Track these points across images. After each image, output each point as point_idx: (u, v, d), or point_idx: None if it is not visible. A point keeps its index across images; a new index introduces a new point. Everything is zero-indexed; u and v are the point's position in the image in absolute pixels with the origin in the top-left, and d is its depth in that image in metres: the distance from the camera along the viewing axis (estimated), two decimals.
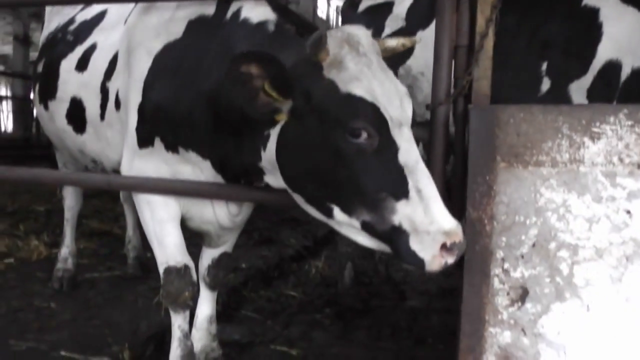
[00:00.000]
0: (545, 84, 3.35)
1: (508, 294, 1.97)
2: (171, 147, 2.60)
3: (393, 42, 2.34)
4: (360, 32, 2.11)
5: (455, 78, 2.33)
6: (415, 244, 1.86)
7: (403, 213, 1.88)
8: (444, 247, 1.83)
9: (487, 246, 1.98)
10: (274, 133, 2.15)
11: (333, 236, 4.59)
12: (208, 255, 3.14)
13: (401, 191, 1.90)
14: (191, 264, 2.82)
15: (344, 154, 1.95)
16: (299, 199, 2.18)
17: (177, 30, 2.61)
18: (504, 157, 1.98)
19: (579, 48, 3.28)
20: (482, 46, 2.20)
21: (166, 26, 2.66)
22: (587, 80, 3.25)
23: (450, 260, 1.84)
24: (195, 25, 2.56)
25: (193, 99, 2.44)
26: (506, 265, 1.97)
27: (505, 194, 1.97)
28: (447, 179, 2.31)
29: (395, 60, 3.18)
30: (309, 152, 2.03)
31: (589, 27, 3.28)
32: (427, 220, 1.85)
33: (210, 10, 2.55)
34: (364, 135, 1.93)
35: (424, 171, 1.94)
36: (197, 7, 2.59)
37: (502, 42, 3.32)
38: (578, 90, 3.28)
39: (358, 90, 1.96)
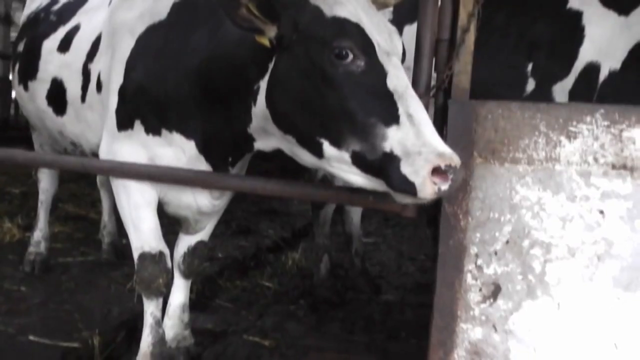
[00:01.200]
0: (531, 84, 3.38)
1: (480, 290, 1.98)
2: (153, 129, 2.59)
3: None
4: None
5: (436, 72, 2.33)
6: (406, 167, 1.79)
7: (394, 138, 1.84)
8: (437, 171, 1.76)
9: (461, 241, 1.99)
10: (264, 83, 2.18)
11: (311, 228, 4.57)
12: (184, 243, 3.11)
13: (391, 116, 1.87)
14: (166, 251, 2.79)
15: (331, 77, 1.95)
16: (290, 145, 2.17)
17: (161, 12, 2.61)
18: (481, 153, 1.99)
19: (562, 50, 3.32)
20: (463, 41, 2.20)
21: (150, 8, 2.66)
22: (569, 81, 3.29)
23: (444, 186, 1.77)
24: (180, 7, 2.58)
25: (180, 78, 2.46)
26: (479, 261, 1.98)
27: (481, 189, 1.98)
28: None
29: None
30: (298, 82, 2.03)
31: (573, 29, 3.32)
32: (419, 142, 1.81)
33: None
34: (350, 56, 1.93)
35: (414, 97, 1.92)
36: None
37: (491, 40, 3.35)
38: (561, 91, 3.32)
39: (342, 12, 1.99)
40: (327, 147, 1.99)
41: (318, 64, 1.97)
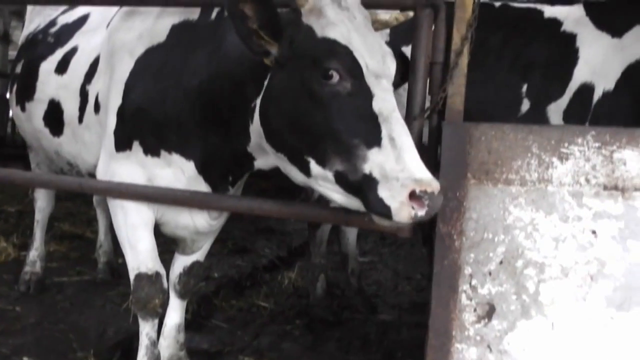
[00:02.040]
0: (525, 105, 3.42)
1: (475, 310, 1.99)
2: (151, 150, 2.61)
3: (386, 16, 2.38)
4: None
5: (430, 94, 2.36)
6: (383, 191, 1.83)
7: (374, 161, 1.87)
8: (413, 196, 1.78)
9: (456, 262, 2.00)
10: (260, 100, 2.21)
11: (307, 247, 4.58)
12: (180, 263, 3.11)
13: (374, 139, 1.90)
14: (162, 271, 2.79)
15: (318, 97, 1.98)
16: (283, 162, 2.20)
17: (160, 34, 2.65)
18: (475, 174, 2.01)
19: (557, 71, 3.38)
20: (457, 64, 2.24)
21: (149, 30, 2.70)
22: (563, 102, 3.34)
23: (421, 212, 1.79)
24: (179, 29, 2.61)
25: (180, 98, 2.49)
26: (474, 282, 1.99)
27: (475, 210, 2.00)
28: None
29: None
30: (289, 99, 2.07)
31: (567, 51, 3.38)
32: (398, 167, 1.83)
33: (194, 15, 2.60)
34: (336, 77, 1.97)
35: (399, 121, 1.94)
36: (180, 12, 2.62)
37: (486, 62, 3.40)
38: (556, 111, 3.36)
39: (333, 34, 2.02)
40: (314, 166, 2.02)
41: (307, 83, 2.01)
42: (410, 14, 2.45)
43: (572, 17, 3.49)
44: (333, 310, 4.24)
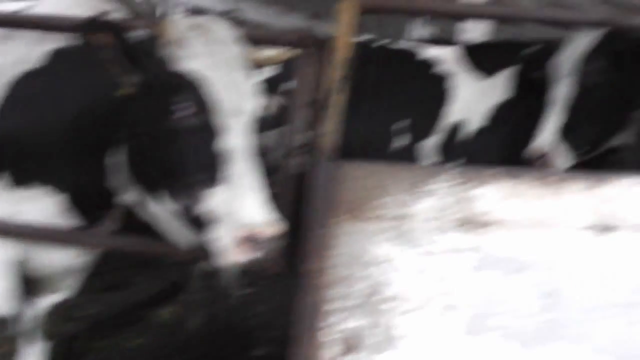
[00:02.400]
0: (401, 141, 3.58)
1: (335, 346, 2.01)
2: (17, 183, 2.45)
3: (266, 53, 2.40)
4: (218, 26, 2.14)
5: (307, 131, 2.41)
6: (215, 232, 1.85)
7: (214, 200, 1.87)
8: (245, 238, 1.81)
9: (318, 298, 2.02)
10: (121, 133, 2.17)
11: (185, 282, 4.47)
12: (44, 302, 2.92)
13: (216, 177, 1.90)
14: (19, 313, 2.61)
15: (167, 130, 1.96)
16: (137, 195, 2.16)
17: (35, 60, 2.50)
18: (341, 211, 2.06)
19: (432, 108, 3.58)
20: (333, 102, 2.29)
21: (26, 55, 2.54)
22: (437, 139, 3.54)
23: (250, 255, 1.83)
24: (58, 55, 2.49)
25: (51, 128, 2.37)
26: (334, 318, 2.02)
27: (339, 247, 2.04)
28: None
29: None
30: (142, 131, 2.04)
31: (442, 89, 3.60)
32: (232, 208, 1.84)
33: (77, 41, 2.48)
34: (185, 111, 1.95)
35: (248, 161, 1.94)
36: (64, 37, 2.50)
37: (363, 100, 3.53)
38: (430, 148, 3.56)
39: (187, 66, 2.00)
40: (167, 201, 2.00)
41: (157, 116, 2.00)
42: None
43: (448, 57, 3.74)
44: (207, 346, 4.16)
